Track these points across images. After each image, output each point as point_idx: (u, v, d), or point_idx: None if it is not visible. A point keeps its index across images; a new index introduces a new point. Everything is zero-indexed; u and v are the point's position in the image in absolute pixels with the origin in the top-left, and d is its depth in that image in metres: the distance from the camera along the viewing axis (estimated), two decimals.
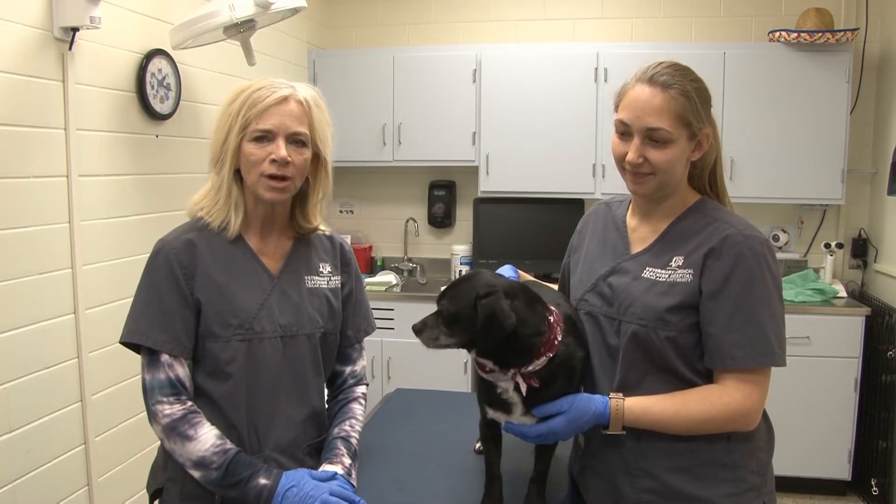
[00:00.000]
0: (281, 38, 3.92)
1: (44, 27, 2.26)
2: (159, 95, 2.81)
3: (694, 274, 1.41)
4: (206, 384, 1.47)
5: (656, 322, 1.42)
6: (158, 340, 1.42)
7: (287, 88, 1.47)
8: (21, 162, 2.20)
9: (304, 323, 1.54)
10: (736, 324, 1.38)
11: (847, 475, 3.72)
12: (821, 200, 3.99)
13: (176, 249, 1.46)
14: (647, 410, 1.40)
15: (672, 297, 1.42)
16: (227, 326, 1.45)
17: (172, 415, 1.41)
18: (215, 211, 1.50)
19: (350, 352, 1.69)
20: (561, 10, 4.41)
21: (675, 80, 1.41)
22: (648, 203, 1.54)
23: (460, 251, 4.41)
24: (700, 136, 1.44)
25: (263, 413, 1.49)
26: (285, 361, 1.51)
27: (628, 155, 1.44)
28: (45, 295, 2.30)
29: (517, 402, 1.42)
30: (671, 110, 1.40)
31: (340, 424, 1.61)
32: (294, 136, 1.46)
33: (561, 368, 1.41)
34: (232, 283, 1.48)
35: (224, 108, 1.49)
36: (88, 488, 2.49)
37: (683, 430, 1.40)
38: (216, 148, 1.48)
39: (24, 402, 2.22)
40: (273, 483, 1.39)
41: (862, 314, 3.64)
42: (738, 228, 1.42)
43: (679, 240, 1.48)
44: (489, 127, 4.13)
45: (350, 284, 1.67)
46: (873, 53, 4.01)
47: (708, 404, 1.39)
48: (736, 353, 1.38)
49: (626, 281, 1.50)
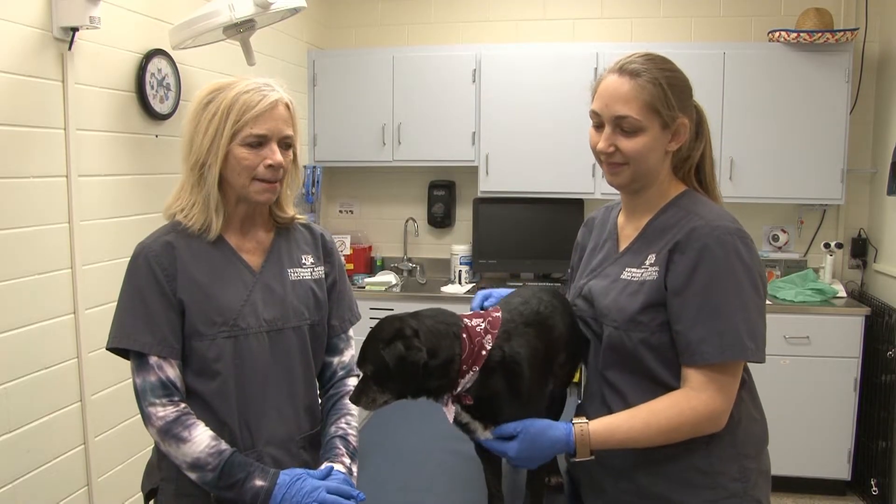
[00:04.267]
0: (280, 38, 3.92)
1: (43, 27, 2.26)
2: (159, 95, 2.81)
3: (660, 270, 1.39)
4: (195, 383, 1.47)
5: (628, 324, 1.41)
6: (146, 343, 1.42)
7: (273, 91, 1.47)
8: (20, 162, 2.20)
9: (289, 316, 1.54)
10: (701, 318, 1.33)
11: (847, 475, 3.71)
12: (820, 200, 3.99)
13: (155, 252, 1.46)
14: (614, 431, 1.35)
15: (641, 296, 1.40)
16: (211, 325, 1.45)
17: (166, 417, 1.41)
18: (193, 214, 1.48)
19: (336, 342, 1.68)
20: (561, 10, 4.41)
21: (645, 69, 1.39)
22: (629, 196, 1.52)
23: (460, 251, 4.41)
24: (675, 125, 1.41)
25: (254, 409, 1.49)
26: (273, 356, 1.51)
27: (599, 144, 1.43)
28: (44, 295, 2.30)
29: (470, 421, 1.40)
30: (639, 98, 1.38)
31: (336, 422, 1.61)
32: (284, 140, 1.48)
33: (495, 377, 1.37)
34: (213, 282, 1.48)
35: (200, 107, 1.47)
36: (88, 488, 2.49)
37: (655, 443, 1.36)
38: (199, 151, 1.45)
39: (24, 402, 2.22)
40: (270, 485, 1.39)
41: (861, 314, 3.64)
42: (707, 220, 1.37)
43: (655, 236, 1.45)
44: (489, 127, 4.13)
45: (333, 275, 1.67)
46: (873, 53, 4.01)
47: (675, 412, 1.34)
48: (703, 349, 1.32)
49: (605, 284, 1.49)
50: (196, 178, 1.47)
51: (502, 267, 4.38)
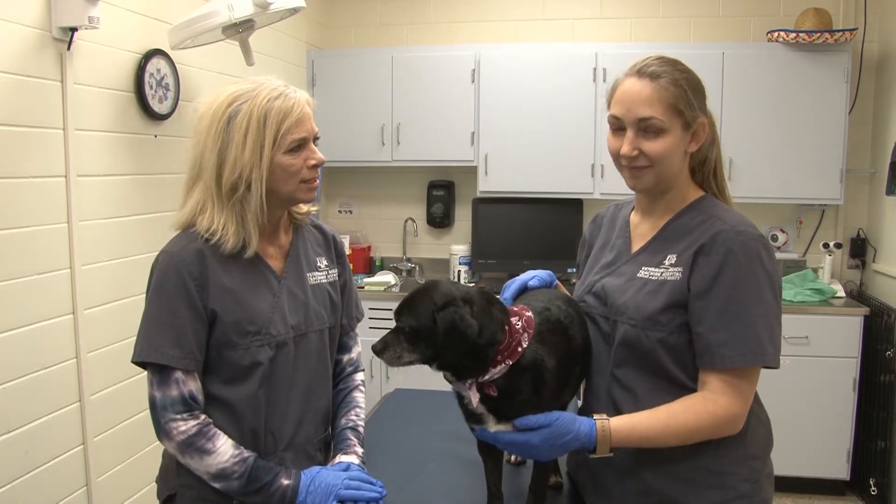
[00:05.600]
0: (280, 38, 3.92)
1: (42, 27, 2.26)
2: (158, 95, 2.80)
3: (683, 272, 1.39)
4: (224, 392, 1.44)
5: (646, 322, 1.41)
6: (173, 357, 1.38)
7: (296, 92, 1.47)
8: (19, 162, 2.20)
9: (311, 320, 1.54)
10: (724, 322, 1.34)
11: (846, 475, 3.72)
12: (819, 200, 3.99)
13: (186, 261, 1.40)
14: (634, 428, 1.35)
15: (662, 296, 1.40)
16: (245, 334, 1.43)
17: (188, 431, 1.38)
18: (227, 235, 1.42)
19: (346, 340, 1.71)
20: (560, 10, 4.41)
21: (664, 71, 1.40)
22: (649, 199, 1.53)
23: (459, 251, 4.41)
24: (695, 126, 1.42)
25: (279, 414, 1.49)
26: (297, 361, 1.52)
27: (623, 148, 1.42)
28: (43, 295, 2.30)
29: (484, 413, 1.38)
30: (662, 99, 1.38)
31: (347, 415, 1.64)
32: (315, 137, 1.50)
33: (524, 377, 1.35)
34: (244, 290, 1.45)
35: (222, 123, 1.40)
36: (87, 489, 2.49)
37: (671, 444, 1.36)
38: (239, 168, 1.39)
39: (23, 403, 2.22)
40: (295, 482, 1.41)
41: (860, 314, 3.65)
42: (731, 225, 1.39)
43: (674, 237, 1.46)
44: (488, 127, 4.13)
45: (344, 276, 1.69)
46: (872, 53, 4.01)
47: (693, 415, 1.35)
48: (725, 353, 1.33)
49: (621, 282, 1.49)
50: (228, 196, 1.41)
51: (501, 267, 4.38)
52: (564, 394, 1.45)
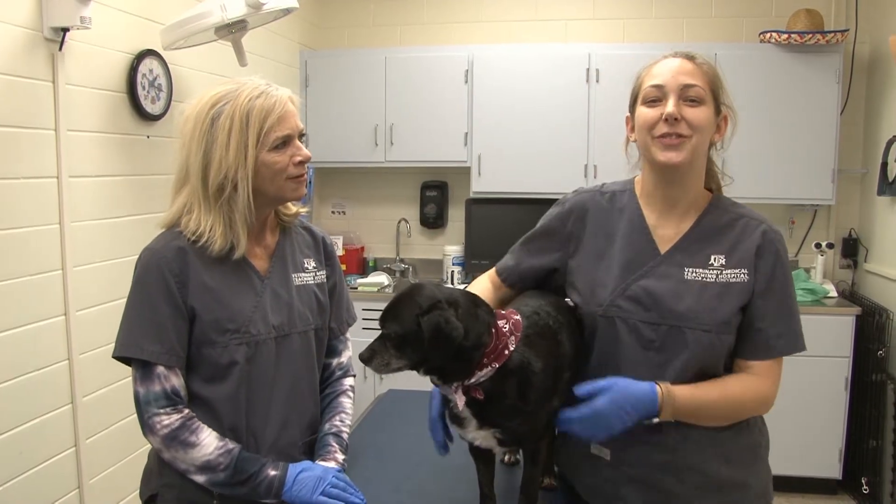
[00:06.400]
0: (272, 39, 3.91)
1: (34, 27, 2.25)
2: (150, 96, 2.80)
3: (749, 273, 1.43)
4: (204, 390, 1.45)
5: (720, 326, 1.41)
6: (154, 352, 1.39)
7: (278, 90, 1.46)
8: (11, 163, 2.19)
9: (295, 321, 1.53)
10: (781, 317, 1.43)
11: (838, 474, 3.73)
12: (811, 201, 4.01)
13: (167, 258, 1.41)
14: (694, 394, 1.38)
15: (733, 298, 1.42)
16: (223, 332, 1.44)
17: (171, 424, 1.39)
18: (214, 237, 1.42)
19: (336, 343, 1.69)
20: (553, 11, 4.42)
21: (699, 56, 1.48)
22: (669, 188, 1.49)
23: (452, 252, 4.41)
24: (723, 113, 1.50)
25: (260, 415, 1.49)
26: (279, 362, 1.51)
27: (668, 108, 1.41)
28: (35, 296, 2.29)
29: (468, 417, 1.37)
30: (703, 74, 1.46)
31: (331, 420, 1.61)
32: (301, 134, 1.49)
33: (510, 380, 1.33)
34: (225, 288, 1.46)
35: (206, 124, 1.40)
36: (79, 490, 2.48)
37: (721, 417, 1.43)
38: (224, 168, 1.39)
39: (15, 404, 2.21)
40: (282, 473, 1.42)
41: (852, 314, 3.66)
42: (767, 223, 1.48)
43: (708, 237, 1.47)
44: (481, 127, 4.14)
45: (334, 278, 1.67)
46: (863, 54, 4.04)
47: (742, 390, 1.43)
48: (779, 344, 1.43)
49: (670, 285, 1.44)
50: (215, 197, 1.41)
51: None
52: (553, 399, 1.41)
